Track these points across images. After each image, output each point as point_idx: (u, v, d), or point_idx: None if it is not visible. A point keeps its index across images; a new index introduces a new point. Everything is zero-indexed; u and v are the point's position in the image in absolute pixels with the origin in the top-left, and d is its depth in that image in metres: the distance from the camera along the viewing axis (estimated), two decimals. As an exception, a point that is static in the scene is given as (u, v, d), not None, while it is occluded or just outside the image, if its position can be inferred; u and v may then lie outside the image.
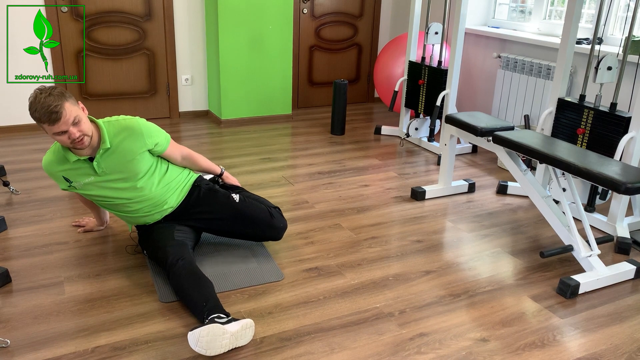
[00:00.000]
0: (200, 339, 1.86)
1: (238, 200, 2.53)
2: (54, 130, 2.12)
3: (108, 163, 2.32)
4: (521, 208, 3.29)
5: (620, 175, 2.28)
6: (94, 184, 2.35)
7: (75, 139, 2.16)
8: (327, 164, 3.93)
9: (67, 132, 2.14)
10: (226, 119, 4.80)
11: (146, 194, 2.40)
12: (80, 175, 2.33)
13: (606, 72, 2.90)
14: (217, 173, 2.70)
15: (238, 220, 2.51)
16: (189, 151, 2.57)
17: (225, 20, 4.50)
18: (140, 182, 2.38)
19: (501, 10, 4.76)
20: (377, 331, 2.10)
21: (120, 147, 2.31)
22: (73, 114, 2.13)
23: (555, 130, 3.18)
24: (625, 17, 3.68)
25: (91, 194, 2.40)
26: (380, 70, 4.86)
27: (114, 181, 2.35)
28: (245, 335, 1.97)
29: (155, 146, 2.38)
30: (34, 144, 4.13)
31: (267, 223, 2.54)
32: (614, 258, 2.73)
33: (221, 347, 1.89)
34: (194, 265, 2.25)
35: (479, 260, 2.67)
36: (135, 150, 2.33)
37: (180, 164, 2.55)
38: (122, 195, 2.38)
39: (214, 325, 1.89)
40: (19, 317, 2.11)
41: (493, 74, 4.55)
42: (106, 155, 2.31)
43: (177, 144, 2.53)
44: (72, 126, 2.14)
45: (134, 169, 2.35)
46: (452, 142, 3.36)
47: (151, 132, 2.37)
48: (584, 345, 2.07)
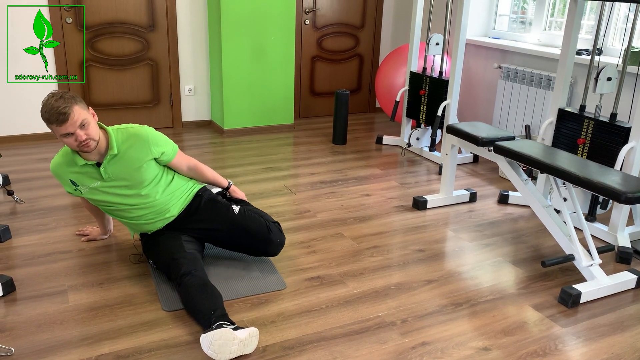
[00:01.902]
0: (214, 342, 1.88)
1: (237, 212, 2.53)
2: (62, 131, 2.18)
3: (115, 169, 2.35)
4: (522, 217, 3.30)
5: (621, 185, 2.29)
6: (100, 189, 2.38)
7: (81, 142, 2.21)
8: (329, 173, 3.95)
9: (73, 134, 2.19)
10: (229, 129, 4.83)
11: (150, 201, 2.42)
12: (87, 179, 2.37)
13: (606, 82, 2.93)
14: (224, 186, 2.70)
15: (235, 231, 2.51)
16: (195, 162, 2.59)
17: (228, 30, 4.54)
18: (145, 190, 2.40)
19: (501, 21, 4.80)
20: (379, 340, 2.11)
21: (127, 154, 2.35)
22: (81, 117, 2.19)
23: (555, 140, 3.20)
24: (625, 28, 3.71)
25: (96, 199, 2.43)
26: (382, 80, 4.89)
27: (119, 187, 2.38)
28: (251, 343, 1.99)
29: (161, 155, 2.42)
30: (37, 154, 4.16)
31: (263, 237, 2.51)
32: (615, 267, 2.74)
33: (230, 352, 1.91)
34: (206, 278, 2.27)
35: (480, 269, 2.68)
36: (142, 158, 2.36)
37: (186, 174, 2.58)
38: (127, 201, 2.40)
39: (225, 330, 1.91)
40: (23, 326, 2.12)
41: (494, 85, 4.58)
42: (113, 161, 2.35)
43: (185, 154, 2.56)
44: (79, 129, 2.19)
45: (140, 177, 2.38)
46: (454, 152, 3.38)
47: (158, 142, 2.41)
48: (586, 355, 2.08)
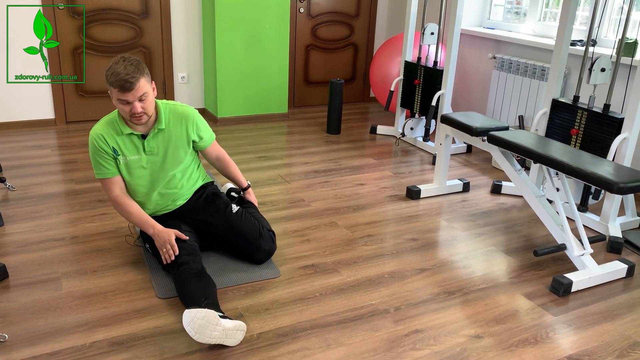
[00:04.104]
0: (195, 320, 1.85)
1: (234, 211, 2.54)
2: (121, 97, 2.17)
3: (157, 143, 2.38)
4: (515, 207, 3.32)
5: (613, 175, 2.31)
6: (138, 162, 2.39)
7: (135, 114, 2.21)
8: (323, 162, 3.95)
9: (131, 104, 2.19)
10: (222, 117, 4.82)
11: (175, 184, 2.46)
12: (130, 149, 2.36)
13: (600, 73, 2.94)
14: (243, 186, 2.73)
15: (227, 229, 2.50)
16: (225, 154, 2.64)
17: (222, 18, 4.51)
18: (177, 171, 2.44)
19: (496, 12, 4.79)
20: (373, 327, 2.13)
21: (172, 131, 2.39)
22: (144, 89, 2.19)
23: (549, 131, 3.22)
24: (619, 19, 3.72)
25: (131, 172, 2.39)
26: (376, 70, 4.88)
27: (156, 163, 2.40)
28: (235, 336, 1.96)
29: (200, 140, 2.47)
30: (30, 141, 4.13)
31: (253, 240, 2.48)
32: (606, 257, 2.77)
33: (210, 337, 1.87)
34: (203, 269, 2.28)
35: (473, 258, 2.70)
36: (184, 137, 2.40)
37: (213, 163, 2.65)
38: (157, 179, 2.42)
39: (211, 312, 1.90)
40: (17, 313, 2.12)
41: (488, 75, 4.59)
42: (158, 135, 2.37)
43: (218, 145, 2.61)
44: (138, 101, 2.19)
45: (178, 157, 2.42)
46: (447, 142, 3.39)
47: (201, 125, 2.47)
48: (576, 343, 2.10)
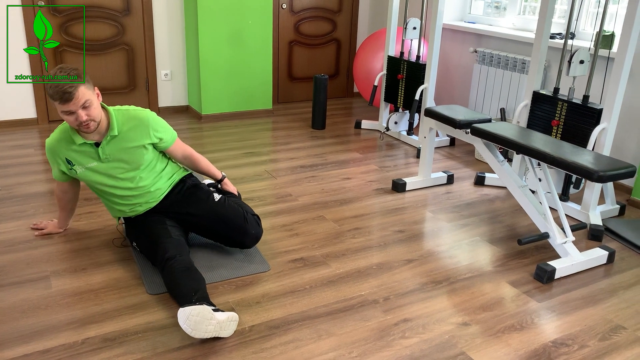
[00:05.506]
0: (190, 317, 1.88)
1: (217, 200, 2.54)
2: (63, 108, 2.16)
3: (112, 150, 2.35)
4: (498, 198, 3.38)
5: (593, 164, 2.37)
6: (96, 169, 2.38)
7: (82, 122, 2.20)
8: (309, 157, 3.98)
9: (75, 113, 2.18)
10: (206, 114, 4.81)
11: (143, 185, 2.43)
12: (84, 158, 2.36)
13: (579, 65, 3.00)
14: (217, 178, 2.71)
15: (212, 218, 2.50)
16: (191, 151, 2.60)
17: (205, 15, 4.50)
18: (139, 173, 2.41)
19: (477, 6, 4.85)
20: (363, 318, 2.16)
21: (127, 136, 2.35)
22: (85, 97, 2.17)
23: (530, 122, 3.28)
24: (596, 12, 3.80)
25: (90, 179, 2.41)
26: (360, 65, 4.91)
27: (115, 169, 2.38)
28: (229, 327, 1.99)
29: (159, 141, 2.43)
30: (13, 140, 4.09)
31: (238, 226, 2.49)
32: (587, 244, 2.84)
33: (206, 331, 1.91)
34: (191, 263, 2.27)
35: (458, 248, 2.75)
36: (140, 141, 2.37)
37: (181, 162, 2.60)
38: (120, 184, 2.40)
39: (205, 307, 1.92)
40: (7, 312, 2.11)
41: (470, 68, 4.65)
42: (112, 142, 2.34)
43: (182, 142, 2.57)
44: (82, 109, 2.18)
45: (137, 160, 2.39)
46: (431, 135, 3.44)
47: (158, 127, 2.41)
48: (560, 327, 2.16)
